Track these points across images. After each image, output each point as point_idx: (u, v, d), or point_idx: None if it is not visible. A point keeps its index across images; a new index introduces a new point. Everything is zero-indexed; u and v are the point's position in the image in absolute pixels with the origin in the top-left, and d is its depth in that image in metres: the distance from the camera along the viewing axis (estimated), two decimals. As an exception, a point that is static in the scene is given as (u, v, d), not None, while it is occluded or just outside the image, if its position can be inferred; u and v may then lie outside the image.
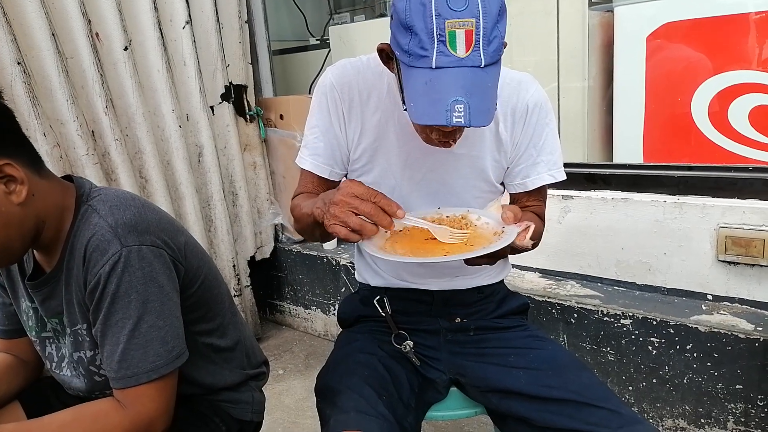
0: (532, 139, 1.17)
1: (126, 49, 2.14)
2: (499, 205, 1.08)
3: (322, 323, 2.81)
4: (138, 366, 0.93)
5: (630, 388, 1.84)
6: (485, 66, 0.87)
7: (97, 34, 2.10)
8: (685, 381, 1.73)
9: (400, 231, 1.05)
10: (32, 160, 0.96)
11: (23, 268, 1.07)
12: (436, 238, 1.01)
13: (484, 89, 0.89)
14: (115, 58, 2.14)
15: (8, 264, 1.04)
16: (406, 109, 0.95)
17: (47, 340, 1.09)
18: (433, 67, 0.87)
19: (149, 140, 2.26)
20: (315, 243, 2.81)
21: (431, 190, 1.18)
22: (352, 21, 3.01)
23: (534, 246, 1.17)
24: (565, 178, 1.21)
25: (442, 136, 1.00)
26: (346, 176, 1.24)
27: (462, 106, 0.86)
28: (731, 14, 1.84)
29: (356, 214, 0.92)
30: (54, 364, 1.09)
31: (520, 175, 1.20)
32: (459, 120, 0.86)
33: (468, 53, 0.86)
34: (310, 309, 2.83)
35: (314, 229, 1.08)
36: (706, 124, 1.94)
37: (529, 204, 1.23)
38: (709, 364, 1.67)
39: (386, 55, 1.00)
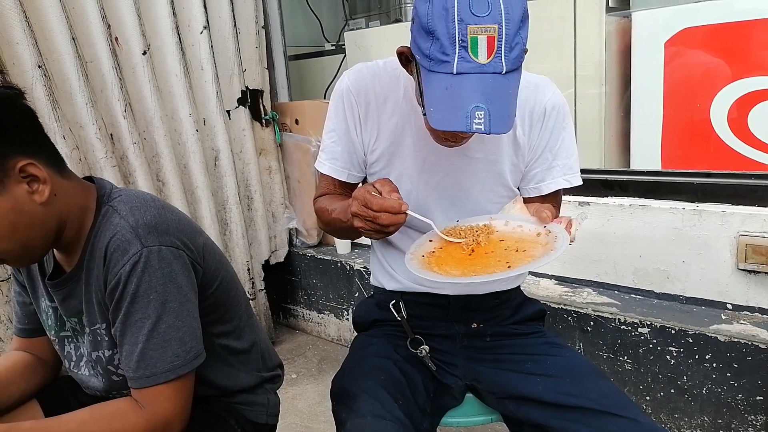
0: (549, 143, 1.16)
1: (145, 53, 2.17)
2: (522, 205, 1.06)
3: (336, 328, 2.80)
4: (156, 366, 0.93)
5: (647, 398, 1.82)
6: (506, 72, 0.87)
7: (116, 39, 2.12)
8: (704, 391, 1.70)
9: (433, 252, 1.04)
10: (54, 160, 0.97)
11: (43, 268, 1.08)
12: (475, 251, 1.00)
13: (504, 96, 0.88)
14: (134, 62, 2.17)
15: (30, 263, 1.05)
16: (425, 114, 0.94)
17: (66, 340, 1.10)
18: (454, 72, 0.87)
19: (167, 144, 2.28)
20: (329, 247, 2.82)
21: (447, 194, 1.17)
22: (368, 26, 3.02)
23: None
24: (581, 183, 1.20)
25: (458, 139, 1.00)
26: (365, 179, 1.24)
27: (482, 112, 0.85)
28: (751, 20, 1.82)
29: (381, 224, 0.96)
30: (72, 364, 1.10)
31: (535, 179, 1.20)
32: (479, 127, 0.86)
33: (489, 59, 0.86)
34: (324, 313, 2.83)
35: (347, 233, 1.14)
36: (725, 131, 1.91)
37: None
38: (728, 374, 1.65)
39: (405, 58, 1.00)
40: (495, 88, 0.87)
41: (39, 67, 1.87)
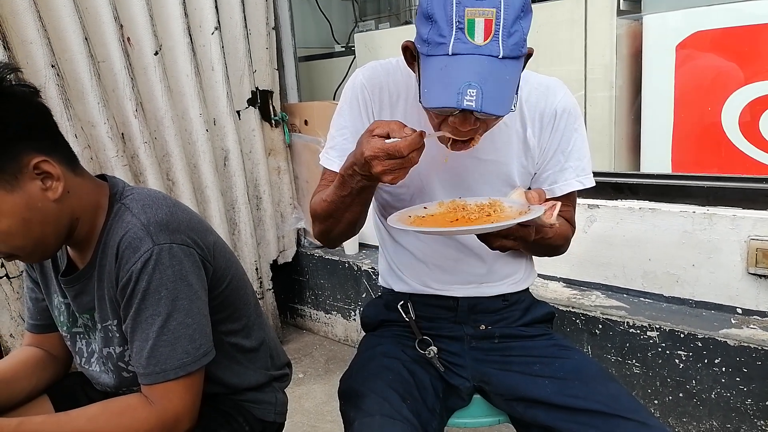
0: (561, 145, 1.16)
1: (156, 53, 2.18)
2: (522, 192, 1.07)
3: (343, 328, 2.81)
4: (166, 362, 0.94)
5: (656, 401, 1.81)
6: (503, 57, 0.86)
7: (128, 39, 2.14)
8: (713, 396, 1.69)
9: (423, 217, 1.05)
10: (68, 158, 0.98)
11: (56, 264, 1.09)
12: (459, 220, 1.01)
13: (500, 79, 0.87)
14: (146, 62, 2.18)
15: (42, 259, 1.06)
16: (421, 100, 0.93)
17: (78, 336, 1.11)
18: (450, 53, 0.86)
19: (177, 143, 2.29)
20: (337, 248, 2.82)
21: (455, 195, 1.17)
22: (377, 28, 3.02)
23: (563, 250, 1.15)
24: (593, 184, 1.19)
25: (459, 123, 0.92)
26: None
27: (474, 90, 0.84)
28: (763, 23, 1.81)
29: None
30: (83, 360, 1.11)
31: (548, 181, 1.19)
32: (470, 104, 0.84)
33: (486, 42, 0.85)
34: (331, 314, 2.84)
35: (347, 209, 1.06)
36: (736, 135, 1.90)
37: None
38: (738, 378, 1.64)
39: (410, 53, 1.00)
40: (490, 70, 0.85)
41: (52, 66, 1.89)
